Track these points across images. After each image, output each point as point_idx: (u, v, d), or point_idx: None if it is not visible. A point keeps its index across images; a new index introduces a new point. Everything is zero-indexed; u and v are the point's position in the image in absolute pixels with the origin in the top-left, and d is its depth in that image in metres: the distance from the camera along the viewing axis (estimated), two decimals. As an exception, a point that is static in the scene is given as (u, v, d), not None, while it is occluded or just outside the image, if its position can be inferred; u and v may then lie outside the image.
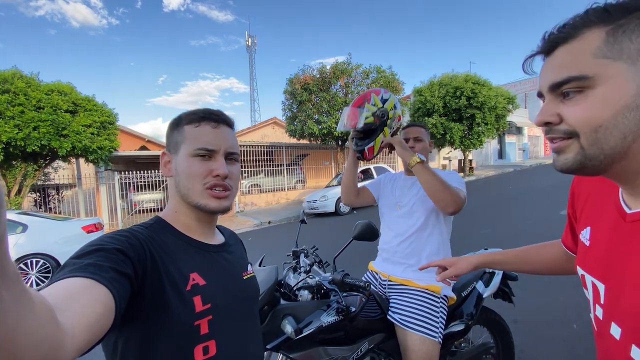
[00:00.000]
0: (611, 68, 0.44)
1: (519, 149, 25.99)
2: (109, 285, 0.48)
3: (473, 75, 14.27)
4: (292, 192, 14.16)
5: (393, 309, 1.50)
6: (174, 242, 0.69)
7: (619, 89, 0.44)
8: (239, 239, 0.94)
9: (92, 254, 0.53)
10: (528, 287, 3.07)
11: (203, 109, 0.75)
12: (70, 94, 8.27)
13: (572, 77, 0.46)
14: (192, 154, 0.70)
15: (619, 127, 0.44)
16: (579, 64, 0.45)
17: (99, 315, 0.44)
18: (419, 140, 1.61)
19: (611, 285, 0.54)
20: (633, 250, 0.50)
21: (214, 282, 0.69)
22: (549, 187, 10.08)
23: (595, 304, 0.58)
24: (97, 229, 5.65)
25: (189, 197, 0.71)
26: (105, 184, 10.48)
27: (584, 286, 0.62)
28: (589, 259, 0.60)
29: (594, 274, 0.58)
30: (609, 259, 0.55)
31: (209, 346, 0.65)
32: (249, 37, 38.88)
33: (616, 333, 0.52)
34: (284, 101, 13.14)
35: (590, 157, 0.47)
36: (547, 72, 0.50)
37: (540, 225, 5.71)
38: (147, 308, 0.59)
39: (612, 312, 0.54)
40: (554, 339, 2.41)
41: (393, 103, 1.53)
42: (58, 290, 0.44)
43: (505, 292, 1.85)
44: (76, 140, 8.05)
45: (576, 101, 0.47)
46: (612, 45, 0.44)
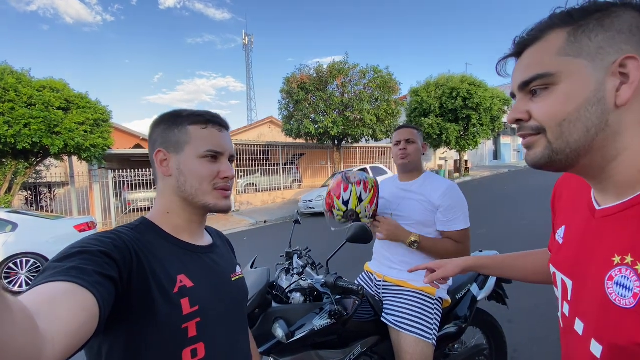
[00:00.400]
0: (572, 65, 0.46)
1: (514, 150, 26.18)
2: (93, 289, 0.46)
3: (469, 77, 14.34)
4: (288, 192, 14.13)
5: (387, 311, 1.49)
6: (160, 243, 0.68)
7: (580, 84, 0.46)
8: (226, 240, 0.93)
9: (75, 257, 0.51)
10: (522, 288, 3.07)
11: (204, 111, 0.75)
12: (63, 90, 8.15)
13: (537, 75, 0.48)
14: (201, 155, 0.71)
15: (582, 120, 0.46)
16: (544, 62, 0.48)
17: (81, 321, 0.43)
18: (411, 142, 1.57)
19: (577, 281, 0.55)
20: (597, 246, 0.51)
21: (202, 284, 0.68)
22: (543, 187, 10.15)
23: (563, 301, 0.59)
24: (90, 228, 5.57)
25: (197, 197, 0.71)
26: (99, 183, 10.37)
27: (554, 284, 0.63)
28: (560, 256, 0.62)
29: (563, 271, 0.59)
30: (578, 255, 0.56)
31: (197, 349, 0.64)
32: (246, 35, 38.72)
33: (579, 328, 0.53)
34: (281, 100, 13.10)
35: (557, 151, 0.49)
36: (517, 73, 0.52)
37: (535, 226, 5.74)
38: (133, 311, 0.57)
39: (577, 307, 0.55)
40: (548, 339, 2.42)
41: (356, 195, 1.45)
42: (38, 295, 0.42)
43: (500, 295, 1.85)
44: (69, 138, 7.93)
45: (542, 98, 0.49)
46: (573, 44, 0.46)
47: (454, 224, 1.45)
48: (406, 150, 1.56)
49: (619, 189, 0.49)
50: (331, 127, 11.71)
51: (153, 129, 0.74)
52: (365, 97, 11.93)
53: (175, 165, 0.71)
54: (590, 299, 0.51)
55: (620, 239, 0.47)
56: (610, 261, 0.48)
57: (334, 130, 11.74)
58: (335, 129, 11.76)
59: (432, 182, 1.54)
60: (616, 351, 0.46)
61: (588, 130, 0.46)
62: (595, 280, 0.50)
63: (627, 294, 0.44)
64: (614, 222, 0.49)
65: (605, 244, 0.50)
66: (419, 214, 1.49)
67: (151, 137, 0.74)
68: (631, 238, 0.45)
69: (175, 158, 0.71)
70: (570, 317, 0.56)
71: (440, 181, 1.54)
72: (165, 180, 0.72)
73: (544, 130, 0.49)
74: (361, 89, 12.18)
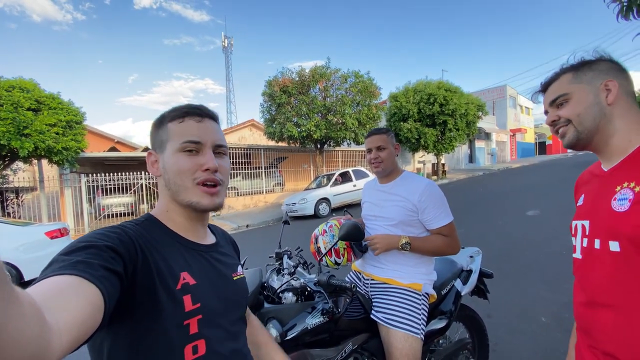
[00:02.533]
0: (577, 87, 0.84)
1: (488, 154, 27.23)
2: (99, 283, 0.47)
3: (445, 83, 14.86)
4: (270, 195, 14.03)
5: (376, 308, 1.52)
6: (164, 240, 0.68)
7: (583, 96, 0.83)
8: (230, 239, 0.93)
9: (82, 251, 0.51)
10: (500, 284, 3.22)
11: (186, 104, 0.73)
12: (34, 91, 7.75)
13: (560, 95, 0.87)
14: (178, 149, 0.68)
15: (589, 114, 0.82)
16: (562, 89, 0.86)
17: (87, 314, 0.43)
18: (382, 148, 1.59)
19: (593, 217, 0.82)
20: (604, 189, 0.81)
21: (204, 282, 0.69)
22: (515, 189, 10.64)
23: (582, 239, 0.85)
24: (63, 235, 5.32)
25: (179, 194, 0.69)
26: (71, 187, 9.88)
27: (573, 235, 0.90)
28: (581, 210, 0.90)
29: (582, 218, 0.87)
30: (592, 203, 0.85)
31: (198, 345, 0.64)
32: (225, 37, 38.21)
33: (597, 244, 0.79)
34: (263, 103, 13.02)
35: (580, 132, 0.84)
36: (547, 97, 0.91)
37: (509, 226, 6.01)
38: (136, 306, 0.58)
39: (594, 231, 0.81)
40: (525, 331, 2.54)
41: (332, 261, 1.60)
42: (45, 288, 0.43)
43: (481, 289, 1.94)
44: (39, 140, 7.55)
45: (565, 106, 0.86)
46: (576, 78, 0.85)
47: (440, 220, 1.51)
48: (378, 159, 1.60)
49: (615, 154, 0.82)
50: (314, 131, 11.76)
51: (150, 133, 0.75)
52: (347, 101, 12.09)
53: (161, 164, 0.71)
54: (603, 219, 0.78)
55: (620, 178, 0.78)
56: (614, 191, 0.77)
57: (316, 133, 11.80)
58: (318, 133, 11.82)
59: (411, 182, 1.59)
60: (624, 242, 0.72)
61: (594, 119, 0.81)
62: (605, 207, 0.78)
63: (625, 204, 0.74)
64: (616, 171, 0.80)
65: (610, 186, 0.79)
66: (401, 214, 1.54)
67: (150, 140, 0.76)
68: (626, 175, 0.77)
69: (161, 157, 0.71)
70: (589, 244, 0.82)
71: (418, 181, 1.58)
72: (159, 180, 0.73)
73: (570, 121, 0.84)
74: (343, 93, 12.33)
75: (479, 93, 27.65)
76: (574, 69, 0.85)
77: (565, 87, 0.85)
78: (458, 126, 14.82)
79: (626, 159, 0.79)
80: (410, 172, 1.68)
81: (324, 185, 10.70)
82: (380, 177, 1.69)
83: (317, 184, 11.40)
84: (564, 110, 0.85)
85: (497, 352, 2.31)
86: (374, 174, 1.71)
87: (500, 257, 4.35)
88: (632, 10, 1.89)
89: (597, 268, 0.79)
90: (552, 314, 2.73)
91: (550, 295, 3.09)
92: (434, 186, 1.55)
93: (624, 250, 0.72)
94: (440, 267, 1.78)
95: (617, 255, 0.73)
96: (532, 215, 6.61)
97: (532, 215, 6.58)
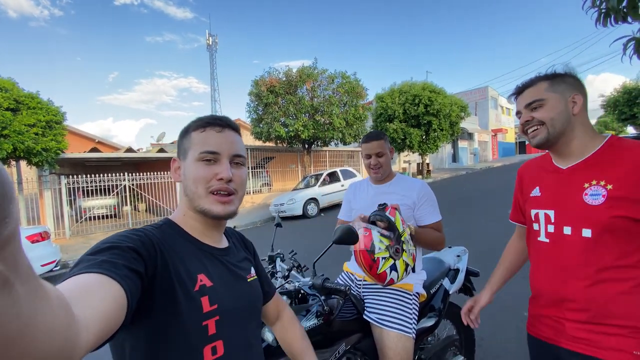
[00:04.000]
0: (552, 95, 0.99)
1: (470, 153, 27.87)
2: (122, 282, 0.49)
3: (430, 84, 15.13)
4: (257, 196, 13.93)
5: (369, 309, 1.55)
6: (182, 243, 0.71)
7: (557, 103, 0.98)
8: (244, 241, 0.95)
9: (106, 252, 0.54)
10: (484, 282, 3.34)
11: (209, 115, 0.78)
12: (11, 90, 7.42)
13: (536, 99, 1.01)
14: (197, 158, 0.72)
15: (560, 119, 0.97)
16: (540, 94, 1.01)
17: (112, 310, 0.45)
18: (381, 155, 1.63)
19: (559, 208, 1.00)
20: (570, 185, 0.99)
21: (220, 284, 0.71)
22: (497, 188, 10.95)
23: (547, 225, 1.02)
24: (44, 238, 5.16)
25: (195, 201, 0.72)
26: (50, 189, 9.53)
27: (535, 221, 1.07)
28: (542, 201, 1.06)
29: (546, 207, 1.04)
30: (556, 195, 1.02)
31: (216, 346, 0.67)
32: (210, 35, 37.55)
33: (568, 230, 0.96)
34: (250, 103, 12.92)
35: (551, 134, 0.99)
36: (523, 100, 1.05)
37: (491, 224, 6.19)
38: (156, 307, 0.60)
39: (562, 220, 0.98)
40: (509, 325, 2.66)
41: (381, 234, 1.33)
42: (74, 284, 0.45)
43: (468, 287, 2.02)
44: (18, 141, 7.25)
45: (539, 110, 1.00)
46: (552, 87, 0.99)
47: (433, 217, 1.61)
48: (378, 164, 1.65)
49: (574, 155, 1.00)
50: (302, 131, 11.75)
51: (177, 141, 0.80)
52: (335, 101, 12.14)
53: (182, 171, 0.76)
54: (573, 210, 0.95)
55: (583, 176, 0.96)
56: (582, 187, 0.95)
57: (304, 133, 11.80)
58: (306, 133, 11.82)
59: (406, 181, 1.69)
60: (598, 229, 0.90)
61: (563, 124, 0.97)
62: (575, 200, 0.95)
63: (599, 198, 0.90)
64: (577, 170, 0.98)
65: (574, 182, 0.97)
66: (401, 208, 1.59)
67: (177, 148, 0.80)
68: (590, 174, 0.94)
69: (183, 164, 0.76)
70: (557, 230, 0.99)
71: (413, 180, 1.70)
72: (180, 186, 0.77)
73: (543, 123, 0.99)
74: (330, 93, 12.38)
75: (461, 94, 28.25)
76: (548, 79, 1.00)
77: (542, 94, 0.99)
78: (442, 126, 15.12)
79: (587, 160, 0.97)
80: (402, 174, 1.75)
81: (312, 185, 10.71)
82: (376, 181, 1.74)
83: (305, 184, 11.40)
84: (539, 113, 0.99)
85: (483, 347, 2.41)
86: (371, 177, 1.74)
87: (485, 255, 4.48)
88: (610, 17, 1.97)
89: (566, 250, 0.97)
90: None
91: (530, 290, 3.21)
92: (427, 185, 1.68)
93: (595, 236, 0.91)
94: (429, 267, 1.84)
95: (587, 240, 0.92)
96: (514, 213, 6.82)
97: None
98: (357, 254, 1.31)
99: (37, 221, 9.29)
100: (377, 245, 1.28)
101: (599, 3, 1.94)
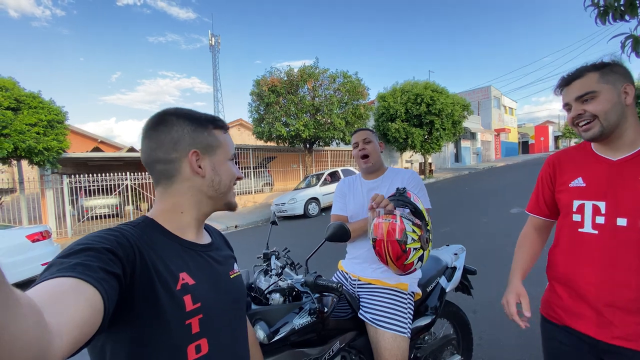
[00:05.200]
0: (604, 87, 0.95)
1: (473, 153, 27.76)
2: (98, 285, 0.47)
3: (432, 83, 15.07)
4: (259, 195, 13.94)
5: (364, 308, 1.54)
6: (162, 241, 0.69)
7: (609, 95, 0.95)
8: (224, 238, 0.95)
9: (80, 253, 0.51)
10: (485, 280, 3.30)
11: (217, 117, 0.81)
12: (12, 89, 7.48)
13: (589, 91, 0.97)
14: (230, 158, 0.80)
15: (614, 112, 0.95)
16: (591, 86, 0.97)
17: (87, 316, 0.44)
18: (368, 141, 1.70)
19: (613, 198, 0.97)
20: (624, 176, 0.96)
21: (203, 281, 0.70)
22: (499, 188, 10.89)
23: (594, 216, 1.00)
24: (45, 238, 5.17)
25: (226, 195, 0.79)
26: (52, 189, 9.59)
27: (577, 212, 1.04)
28: (588, 191, 1.03)
29: (595, 198, 1.01)
30: (607, 186, 0.99)
31: (200, 345, 0.66)
32: (212, 36, 37.70)
33: (623, 222, 0.94)
34: (251, 103, 12.92)
35: (605, 127, 0.96)
36: (573, 92, 1.00)
37: (494, 224, 6.16)
38: (137, 308, 0.58)
39: (616, 212, 0.96)
40: (509, 324, 2.61)
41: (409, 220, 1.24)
42: (45, 290, 0.43)
43: (465, 286, 1.99)
44: (19, 141, 7.29)
45: (591, 102, 0.97)
46: (602, 78, 0.96)
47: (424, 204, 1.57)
48: (366, 150, 1.67)
49: (625, 147, 0.98)
50: (303, 130, 11.75)
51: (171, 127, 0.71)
52: (336, 101, 12.12)
53: (209, 166, 0.75)
54: (630, 201, 0.93)
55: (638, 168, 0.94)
56: (638, 179, 0.93)
57: (305, 132, 11.79)
58: (307, 132, 11.82)
59: (397, 173, 1.70)
60: None
61: (617, 116, 0.95)
62: (632, 191, 0.93)
63: None
64: (630, 162, 0.97)
65: (630, 173, 0.95)
66: None
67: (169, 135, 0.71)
68: None
69: (209, 159, 0.75)
70: (609, 221, 0.96)
71: (403, 170, 1.71)
72: (193, 180, 0.73)
73: (596, 117, 0.96)
74: (331, 93, 12.36)
75: (464, 94, 28.15)
76: (598, 69, 0.97)
77: (594, 85, 0.96)
78: (444, 126, 15.06)
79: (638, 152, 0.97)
80: (394, 167, 1.75)
81: (314, 185, 10.70)
82: (367, 173, 1.72)
83: (306, 183, 11.40)
84: (592, 106, 0.96)
85: (482, 345, 2.38)
86: (362, 170, 1.73)
87: (485, 254, 4.46)
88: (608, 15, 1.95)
89: (621, 241, 0.95)
90: (534, 308, 2.78)
91: (531, 289, 3.15)
92: (417, 174, 1.69)
93: None
94: (425, 265, 1.81)
95: None
96: (516, 212, 6.79)
97: (516, 213, 6.75)
98: (384, 243, 1.20)
99: (39, 221, 9.36)
100: (409, 236, 1.19)
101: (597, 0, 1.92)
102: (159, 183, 0.73)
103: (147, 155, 0.72)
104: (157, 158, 0.71)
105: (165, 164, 0.71)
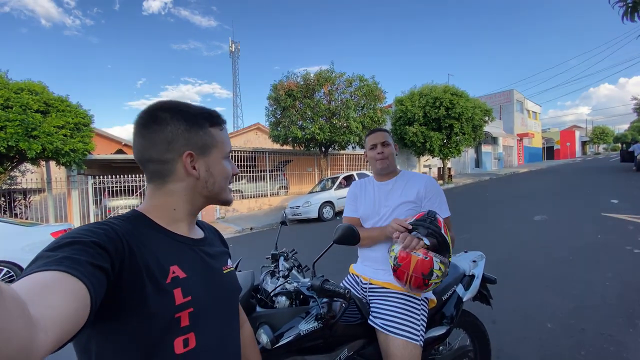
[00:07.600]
0: None
1: (495, 158, 26.96)
2: (85, 279, 0.46)
3: (451, 87, 14.77)
4: (274, 198, 14.03)
5: (374, 314, 1.48)
6: (153, 235, 0.67)
7: None
8: (218, 234, 0.93)
9: (67, 247, 0.51)
10: (505, 289, 3.12)
11: (214, 111, 0.77)
12: (42, 93, 7.88)
13: None
14: (225, 156, 0.77)
15: None
16: None
17: (73, 310, 0.43)
18: (387, 144, 1.63)
19: None
20: None
21: (194, 275, 0.69)
22: (522, 194, 10.48)
23: None
24: (67, 235, 5.37)
25: (221, 194, 0.77)
26: (78, 189, 10.01)
27: None
28: None
29: None
30: None
31: (188, 339, 0.65)
32: (233, 43, 38.61)
33: None
34: (268, 107, 13.10)
35: None
36: None
37: (516, 231, 5.91)
38: (124, 302, 0.57)
39: None
40: (530, 338, 2.46)
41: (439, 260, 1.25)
42: (30, 284, 0.42)
43: (484, 295, 1.88)
44: (47, 142, 7.65)
45: None
46: None
47: (443, 211, 1.52)
48: (384, 153, 1.62)
49: None
50: (318, 133, 11.77)
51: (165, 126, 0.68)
52: (352, 104, 12.08)
53: (203, 167, 0.73)
54: None
55: None
56: None
57: (320, 135, 11.81)
58: (322, 135, 11.83)
59: (412, 176, 1.64)
60: None
61: None
62: None
63: None
64: None
65: None
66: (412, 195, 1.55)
67: (163, 135, 0.68)
68: None
69: (203, 160, 0.73)
70: None
71: (419, 175, 1.64)
72: (187, 180, 0.71)
73: None
74: (347, 97, 12.34)
75: (485, 97, 27.46)
76: None
77: None
78: (464, 130, 14.71)
79: None
80: (407, 170, 1.70)
81: (328, 189, 10.68)
82: (381, 175, 1.67)
83: (321, 187, 11.38)
84: None
85: (501, 358, 2.25)
86: (376, 171, 1.68)
87: (506, 262, 4.26)
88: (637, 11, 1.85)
89: None
90: (559, 320, 2.64)
91: (556, 300, 3.00)
92: (435, 180, 1.62)
93: None
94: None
95: None
96: (540, 220, 6.49)
97: (539, 220, 6.45)
98: (407, 275, 1.24)
99: (64, 219, 9.76)
100: (435, 273, 1.22)
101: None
102: (151, 181, 0.72)
103: (140, 154, 0.70)
104: (150, 157, 0.69)
105: (159, 164, 0.69)
